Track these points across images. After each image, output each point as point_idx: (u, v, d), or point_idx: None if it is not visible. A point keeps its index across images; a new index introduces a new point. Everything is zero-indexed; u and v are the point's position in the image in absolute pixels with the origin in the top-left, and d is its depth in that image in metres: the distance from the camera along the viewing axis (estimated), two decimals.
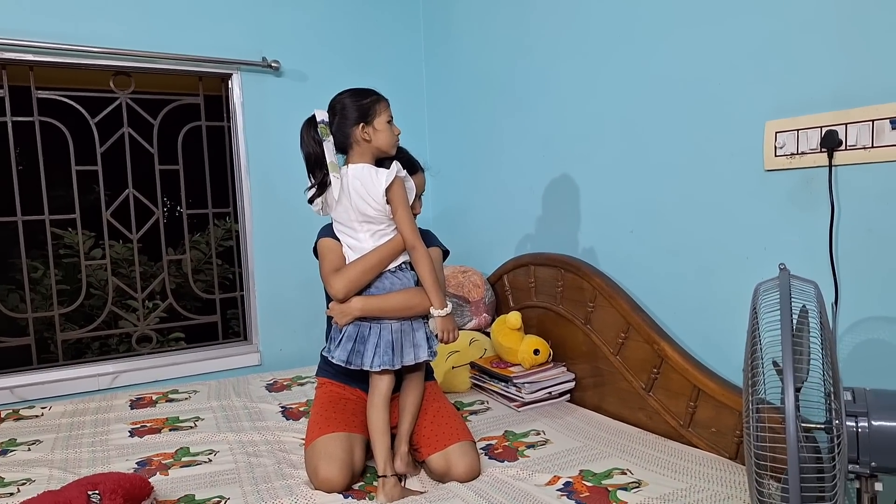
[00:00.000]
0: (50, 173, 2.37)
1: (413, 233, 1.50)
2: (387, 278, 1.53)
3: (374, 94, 1.51)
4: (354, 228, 1.52)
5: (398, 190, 1.48)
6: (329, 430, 1.52)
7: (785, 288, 1.07)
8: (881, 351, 1.30)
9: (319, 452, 1.47)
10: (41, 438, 1.82)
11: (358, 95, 1.50)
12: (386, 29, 2.89)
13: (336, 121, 1.48)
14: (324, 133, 1.47)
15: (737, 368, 1.58)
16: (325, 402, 1.64)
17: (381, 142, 1.50)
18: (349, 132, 1.48)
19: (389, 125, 1.51)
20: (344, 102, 1.49)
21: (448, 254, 1.75)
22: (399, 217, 1.49)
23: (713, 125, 1.62)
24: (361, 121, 1.47)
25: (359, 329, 1.51)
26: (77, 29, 2.24)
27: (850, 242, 1.34)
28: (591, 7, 1.98)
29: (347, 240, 1.55)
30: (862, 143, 1.30)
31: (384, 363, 1.48)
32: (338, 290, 1.50)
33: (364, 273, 1.51)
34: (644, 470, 1.48)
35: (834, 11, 1.34)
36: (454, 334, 1.54)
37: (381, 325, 1.51)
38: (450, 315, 1.53)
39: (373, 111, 1.49)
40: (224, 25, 2.51)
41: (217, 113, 2.66)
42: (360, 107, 1.48)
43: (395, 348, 1.50)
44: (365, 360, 1.49)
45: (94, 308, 3.58)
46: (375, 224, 1.51)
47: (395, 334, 1.51)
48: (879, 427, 1.03)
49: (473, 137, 2.67)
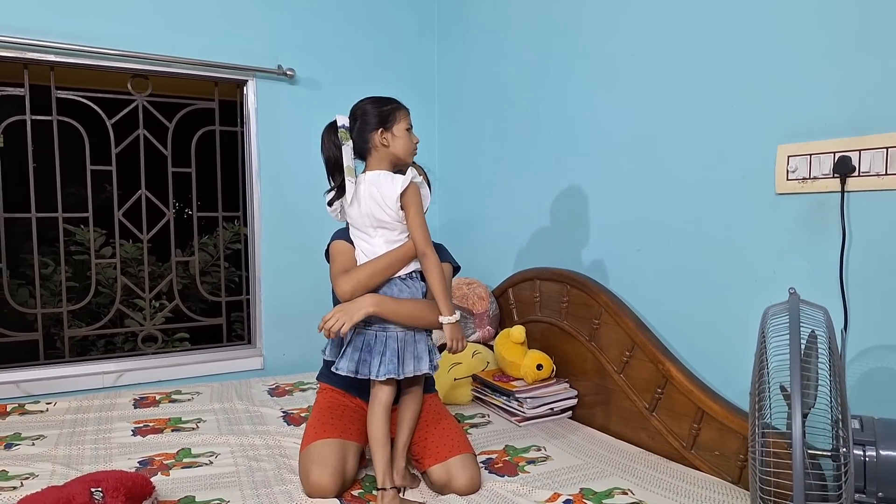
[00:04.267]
0: (65, 172, 2.40)
1: (425, 239, 1.49)
2: (395, 284, 1.52)
3: (395, 102, 1.53)
4: (369, 234, 1.52)
5: (412, 196, 1.48)
6: (324, 435, 1.52)
7: (794, 312, 1.07)
8: (890, 379, 1.29)
9: (312, 457, 1.47)
10: (45, 434, 1.83)
11: (379, 102, 1.51)
12: (400, 40, 2.92)
13: (356, 126, 1.50)
14: (343, 138, 1.48)
15: (742, 392, 1.57)
16: (323, 408, 1.64)
17: (399, 148, 1.50)
18: (368, 137, 1.49)
19: (408, 133, 1.52)
20: (365, 108, 1.50)
21: (459, 270, 1.73)
22: (412, 222, 1.49)
23: (725, 146, 1.62)
24: (381, 126, 1.48)
25: (364, 337, 1.50)
26: (97, 31, 2.28)
27: (860, 269, 1.34)
28: (605, 24, 2.00)
29: (362, 245, 1.54)
30: (875, 171, 1.30)
31: (389, 372, 1.46)
32: (345, 291, 1.48)
33: (373, 275, 1.49)
34: (645, 491, 1.47)
35: (851, 37, 1.34)
36: (462, 343, 1.52)
37: (386, 333, 1.50)
38: (458, 323, 1.52)
39: (392, 118, 1.50)
40: (241, 32, 2.55)
41: (231, 118, 2.68)
42: (380, 113, 1.49)
43: (399, 357, 1.49)
44: (372, 369, 1.47)
45: (102, 306, 3.61)
46: (390, 230, 1.51)
47: (399, 343, 1.50)
48: (888, 457, 1.02)
49: (483, 149, 2.69)
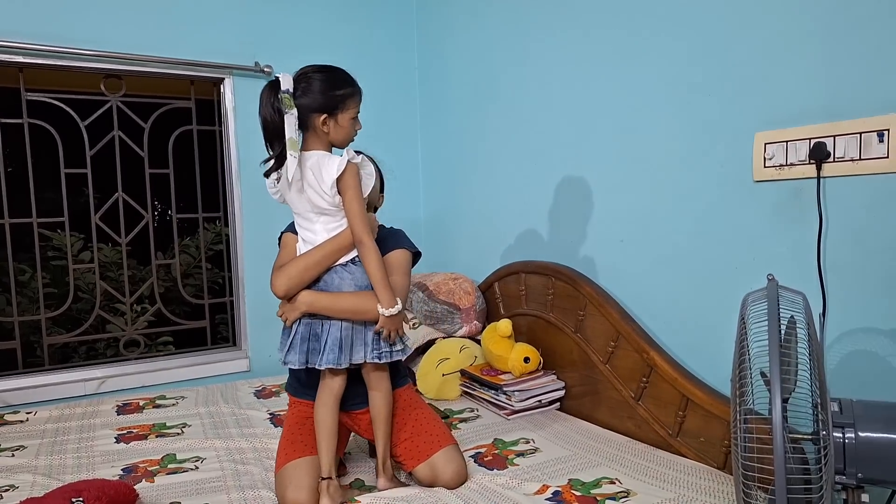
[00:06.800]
0: (39, 176, 2.35)
1: (362, 226, 1.38)
2: (336, 272, 1.43)
3: (347, 87, 1.40)
4: (310, 220, 1.43)
5: (350, 179, 1.37)
6: (295, 455, 1.46)
7: (773, 298, 1.08)
8: (868, 362, 1.31)
9: (287, 480, 1.41)
10: (25, 444, 1.80)
11: (331, 83, 1.38)
12: (380, 36, 2.90)
13: (299, 96, 1.35)
14: (287, 104, 1.32)
15: (725, 378, 1.59)
16: (293, 425, 1.56)
17: (338, 138, 1.41)
18: (308, 117, 1.37)
19: (353, 121, 1.42)
20: (313, 84, 1.36)
21: (419, 255, 1.62)
22: (348, 207, 1.38)
23: (703, 136, 1.64)
24: (325, 112, 1.37)
25: (310, 328, 1.42)
26: (68, 31, 2.23)
27: (837, 253, 1.36)
28: (584, 18, 2.00)
29: (304, 233, 1.46)
30: (850, 156, 1.31)
31: (330, 361, 1.39)
32: (277, 287, 1.41)
33: (306, 270, 1.41)
34: (633, 479, 1.48)
35: (824, 25, 1.36)
36: (396, 334, 1.43)
37: (330, 320, 1.42)
38: (396, 315, 1.40)
39: (341, 105, 1.38)
40: (217, 30, 2.51)
41: (208, 117, 2.65)
42: (329, 97, 1.36)
43: (342, 346, 1.40)
44: (321, 358, 1.40)
45: (82, 312, 3.55)
46: (331, 216, 1.42)
47: (344, 331, 1.41)
48: (866, 438, 1.03)
49: (466, 145, 2.68)
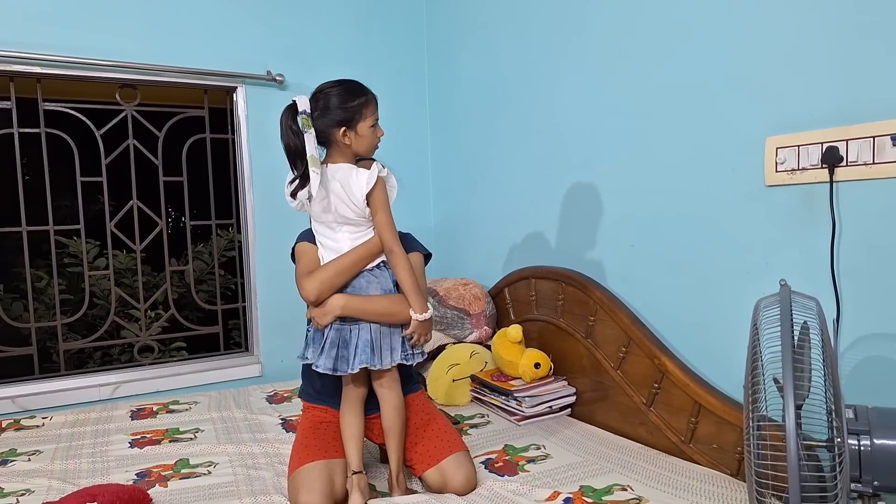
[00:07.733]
0: (55, 184, 2.39)
1: (392, 236, 1.44)
2: (363, 276, 1.48)
3: (361, 96, 1.44)
4: (333, 229, 1.47)
5: (379, 192, 1.42)
6: (308, 459, 1.46)
7: (786, 304, 1.07)
8: (883, 368, 1.30)
9: (299, 484, 1.41)
10: (41, 449, 1.82)
11: (346, 95, 1.43)
12: (390, 43, 2.92)
13: (318, 115, 1.41)
14: (305, 125, 1.38)
15: (737, 384, 1.57)
16: (306, 429, 1.58)
17: (361, 147, 1.45)
18: (330, 132, 1.42)
19: (373, 129, 1.46)
20: (329, 100, 1.42)
21: (430, 257, 1.67)
22: (378, 220, 1.44)
23: (714, 140, 1.63)
24: (344, 125, 1.41)
25: (340, 333, 1.45)
26: (84, 42, 2.27)
27: (851, 259, 1.34)
28: (594, 22, 2.00)
29: (325, 241, 1.49)
30: (863, 160, 1.30)
31: (364, 361, 1.42)
32: (309, 293, 1.44)
33: (338, 275, 1.45)
34: (645, 486, 1.47)
35: (835, 28, 1.35)
36: (423, 339, 1.50)
37: (359, 325, 1.45)
38: (427, 321, 1.47)
39: (358, 115, 1.42)
40: (230, 39, 2.54)
41: (221, 125, 2.68)
42: (345, 110, 1.41)
43: (374, 348, 1.45)
44: (350, 365, 1.43)
45: (97, 318, 3.60)
46: (355, 226, 1.46)
47: (374, 334, 1.45)
48: (882, 446, 1.02)
49: (476, 150, 2.68)
